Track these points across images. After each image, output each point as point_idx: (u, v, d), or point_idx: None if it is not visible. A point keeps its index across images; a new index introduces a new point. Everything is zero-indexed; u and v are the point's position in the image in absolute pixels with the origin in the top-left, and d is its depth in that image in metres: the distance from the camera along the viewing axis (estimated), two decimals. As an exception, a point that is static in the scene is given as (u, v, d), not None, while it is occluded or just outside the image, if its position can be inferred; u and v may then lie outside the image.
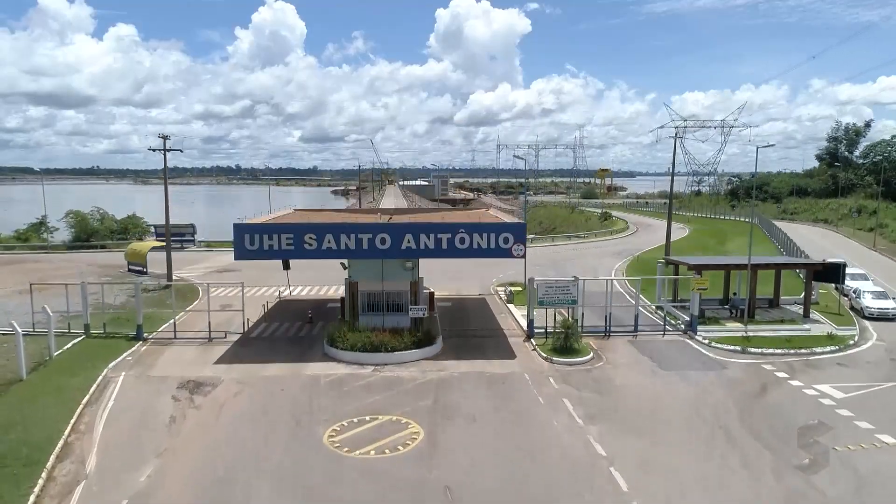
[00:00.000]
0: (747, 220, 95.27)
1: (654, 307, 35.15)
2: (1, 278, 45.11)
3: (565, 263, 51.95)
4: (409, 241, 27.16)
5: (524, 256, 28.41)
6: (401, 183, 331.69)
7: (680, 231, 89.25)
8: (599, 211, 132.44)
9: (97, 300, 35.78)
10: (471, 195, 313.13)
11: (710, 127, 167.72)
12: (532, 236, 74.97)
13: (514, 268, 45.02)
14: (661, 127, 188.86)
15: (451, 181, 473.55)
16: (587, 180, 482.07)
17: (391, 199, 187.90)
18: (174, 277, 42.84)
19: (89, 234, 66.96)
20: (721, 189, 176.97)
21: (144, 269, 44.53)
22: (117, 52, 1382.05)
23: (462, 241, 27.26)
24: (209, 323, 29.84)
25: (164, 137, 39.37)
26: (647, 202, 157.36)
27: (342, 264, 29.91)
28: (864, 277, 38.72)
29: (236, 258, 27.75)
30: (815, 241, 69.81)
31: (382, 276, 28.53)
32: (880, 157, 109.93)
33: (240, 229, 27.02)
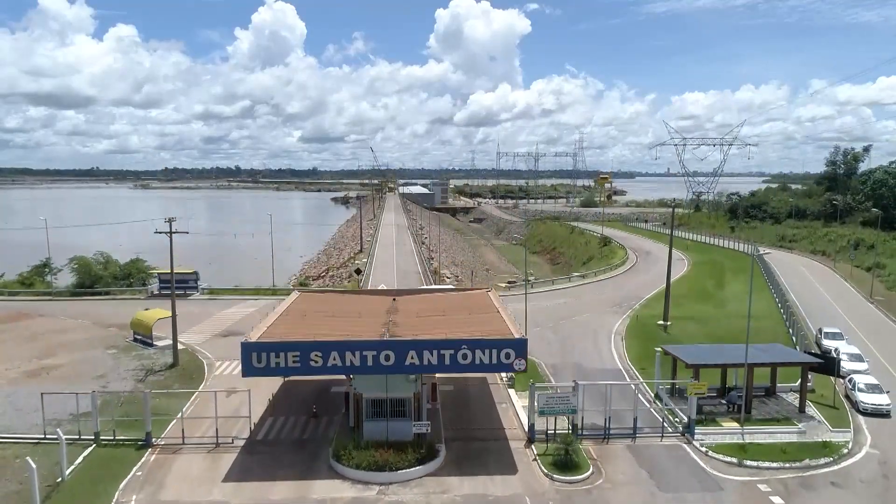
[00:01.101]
0: (746, 251, 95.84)
1: (652, 395, 35.69)
2: (5, 349, 45.59)
3: (565, 324, 52.44)
4: (412, 358, 27.76)
5: (525, 370, 28.97)
6: (400, 190, 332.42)
7: (679, 264, 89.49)
8: (599, 233, 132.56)
9: (107, 388, 36.56)
10: (471, 203, 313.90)
11: (709, 144, 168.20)
12: (533, 279, 75.47)
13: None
14: (662, 144, 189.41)
15: (452, 185, 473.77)
16: (587, 183, 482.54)
17: (391, 213, 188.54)
18: (179, 343, 43.16)
19: (93, 280, 67.45)
20: (721, 201, 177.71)
21: (150, 341, 45.08)
22: (117, 52, 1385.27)
23: (465, 356, 27.87)
24: (216, 429, 30.34)
25: (171, 220, 39.91)
26: (646, 220, 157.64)
27: (347, 375, 30.43)
28: (859, 358, 39.28)
29: (244, 375, 28.20)
30: (812, 283, 70.34)
31: (386, 388, 29.10)
32: (877, 184, 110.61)
33: (247, 348, 27.57)
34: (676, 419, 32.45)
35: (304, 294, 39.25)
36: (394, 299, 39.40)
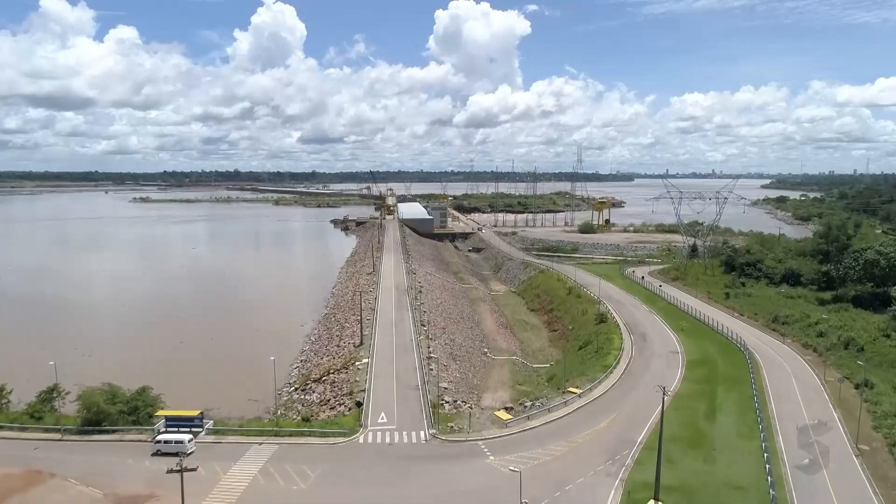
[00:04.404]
0: (740, 343, 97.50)
1: None
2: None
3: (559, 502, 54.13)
4: None
5: None
6: (400, 212, 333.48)
7: (672, 361, 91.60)
8: (595, 294, 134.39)
9: None
10: (469, 227, 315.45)
11: (707, 198, 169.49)
12: (529, 403, 77.26)
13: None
14: (657, 198, 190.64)
15: (450, 197, 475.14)
16: (586, 194, 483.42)
17: (390, 260, 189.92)
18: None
19: (100, 418, 69.27)
20: (717, 245, 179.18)
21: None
22: (118, 54, 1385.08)
23: None
24: None
25: (180, 469, 41.53)
26: (643, 277, 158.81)
27: None
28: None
29: None
30: (801, 412, 71.66)
31: None
32: (869, 263, 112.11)
33: None
34: None
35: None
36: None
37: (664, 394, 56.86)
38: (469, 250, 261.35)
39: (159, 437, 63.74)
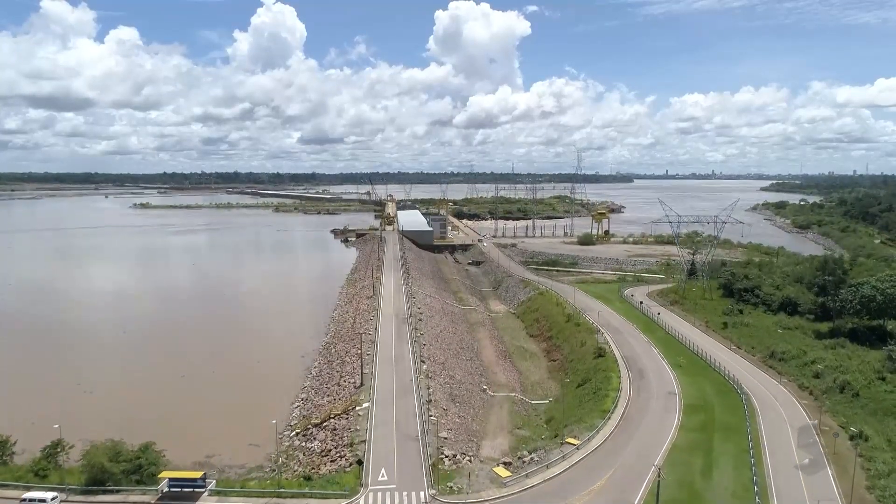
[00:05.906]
0: (737, 387, 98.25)
1: None
2: None
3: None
4: None
5: None
6: (399, 223, 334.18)
7: (670, 404, 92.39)
8: (594, 321, 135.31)
9: None
10: (469, 237, 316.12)
11: (704, 222, 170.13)
12: (528, 456, 78.00)
13: None
14: (656, 222, 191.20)
15: (450, 203, 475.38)
16: (587, 199, 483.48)
17: (390, 280, 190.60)
18: None
19: (105, 477, 70.13)
20: (716, 265, 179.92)
21: None
22: (118, 54, 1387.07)
23: None
24: None
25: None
26: (641, 301, 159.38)
27: None
28: None
29: None
30: (794, 452, 72.41)
31: None
32: (865, 298, 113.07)
33: None
34: None
35: None
36: None
37: (660, 476, 57.58)
38: (469, 263, 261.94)
39: (24, 496, 66.65)
